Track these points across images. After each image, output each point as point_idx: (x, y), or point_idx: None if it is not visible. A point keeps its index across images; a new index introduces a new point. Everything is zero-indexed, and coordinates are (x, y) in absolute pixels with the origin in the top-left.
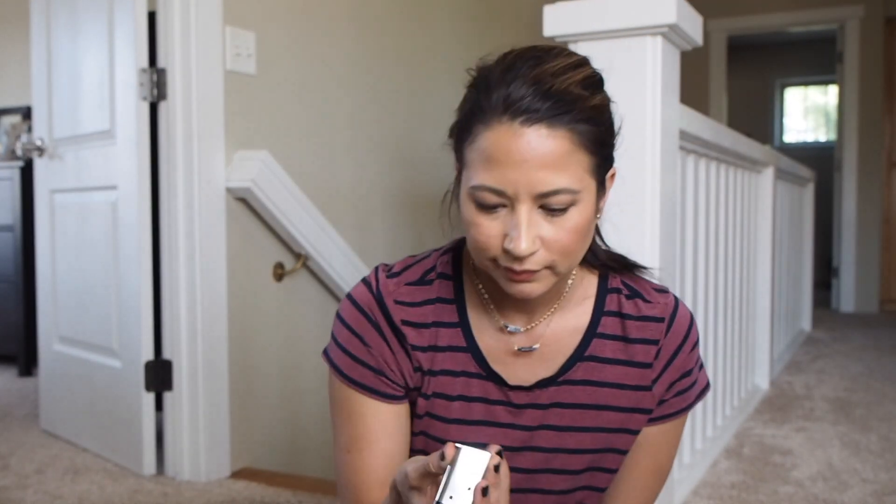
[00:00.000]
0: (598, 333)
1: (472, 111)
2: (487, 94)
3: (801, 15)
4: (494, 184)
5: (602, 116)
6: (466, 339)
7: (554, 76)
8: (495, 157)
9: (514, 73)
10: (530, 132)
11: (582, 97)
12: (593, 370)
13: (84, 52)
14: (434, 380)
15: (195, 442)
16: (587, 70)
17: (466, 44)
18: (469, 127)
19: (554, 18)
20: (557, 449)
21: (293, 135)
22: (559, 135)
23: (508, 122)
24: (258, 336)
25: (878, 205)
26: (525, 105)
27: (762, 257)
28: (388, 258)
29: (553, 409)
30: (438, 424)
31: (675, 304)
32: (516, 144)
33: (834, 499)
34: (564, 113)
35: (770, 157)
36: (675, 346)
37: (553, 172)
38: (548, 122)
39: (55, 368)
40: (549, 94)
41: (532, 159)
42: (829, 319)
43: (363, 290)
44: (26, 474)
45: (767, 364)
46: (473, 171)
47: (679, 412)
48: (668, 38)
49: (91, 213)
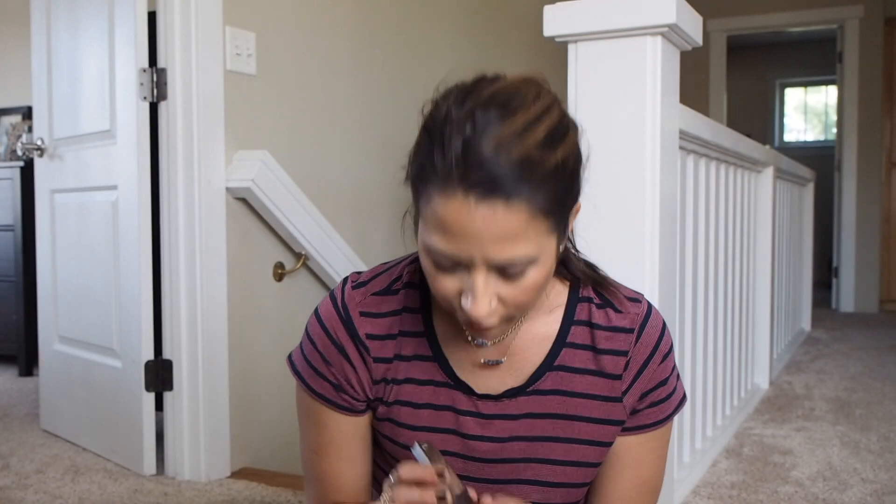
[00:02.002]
0: (568, 343)
1: (425, 167)
2: (442, 152)
3: (801, 15)
4: (448, 252)
5: (565, 171)
6: (432, 348)
7: (515, 137)
8: (447, 226)
9: (473, 131)
10: (485, 208)
11: (543, 160)
12: (563, 380)
13: (84, 52)
14: (399, 388)
15: (195, 442)
16: (551, 119)
17: (467, 43)
18: (423, 183)
19: (554, 18)
20: (529, 459)
21: (293, 135)
22: (516, 208)
23: (463, 195)
24: (258, 336)
25: (878, 205)
26: (481, 177)
27: (762, 257)
28: (388, 257)
29: (523, 419)
30: (406, 432)
31: (646, 314)
32: (470, 219)
33: (834, 499)
34: (522, 184)
35: (770, 157)
36: (645, 358)
37: (509, 244)
38: (504, 197)
39: (55, 368)
40: (507, 164)
41: (485, 233)
42: (829, 319)
43: (328, 306)
44: (26, 474)
45: (767, 364)
46: (427, 231)
47: (657, 423)
48: (668, 38)
49: (91, 213)
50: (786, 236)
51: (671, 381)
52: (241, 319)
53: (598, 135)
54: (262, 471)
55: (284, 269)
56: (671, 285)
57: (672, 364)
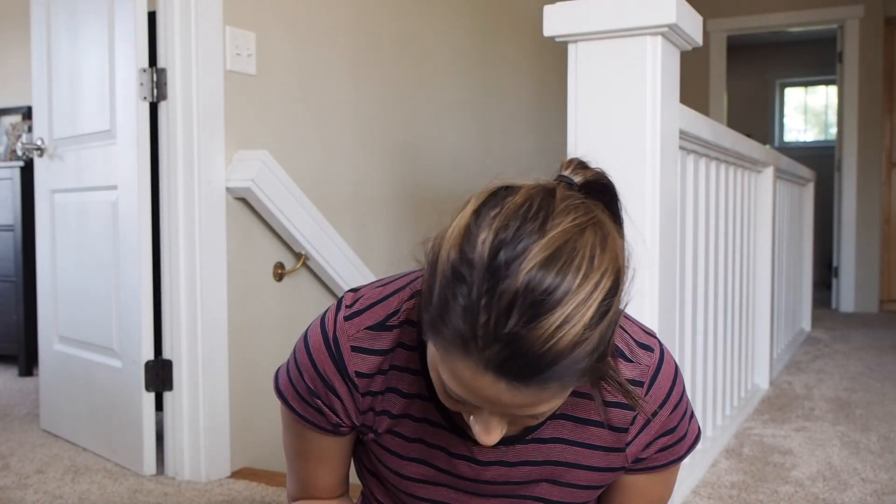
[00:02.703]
0: (574, 392)
1: (451, 314)
2: (475, 314)
3: (801, 15)
4: (463, 399)
5: (607, 334)
6: (429, 388)
7: (564, 325)
8: (470, 389)
9: (519, 312)
10: (516, 391)
11: (587, 340)
12: (563, 428)
13: (84, 52)
14: (392, 421)
15: (195, 442)
16: (604, 290)
17: (467, 44)
18: (444, 327)
19: (554, 18)
20: (522, 496)
21: (293, 135)
22: (551, 388)
23: (494, 377)
24: (258, 336)
25: (878, 205)
26: (519, 370)
27: (762, 257)
28: (389, 258)
29: (520, 466)
30: (395, 459)
31: (658, 364)
32: (498, 396)
33: (834, 499)
34: (564, 368)
35: (770, 157)
36: (653, 410)
37: (535, 409)
38: (541, 382)
39: (55, 368)
40: (550, 354)
41: (512, 405)
42: (829, 319)
43: (318, 337)
44: (26, 474)
45: (767, 364)
46: (443, 369)
47: (667, 465)
48: (668, 38)
49: (91, 212)
50: (786, 236)
51: (681, 427)
52: (241, 319)
53: (598, 135)
54: (262, 471)
55: (284, 269)
56: (671, 285)
57: (683, 411)
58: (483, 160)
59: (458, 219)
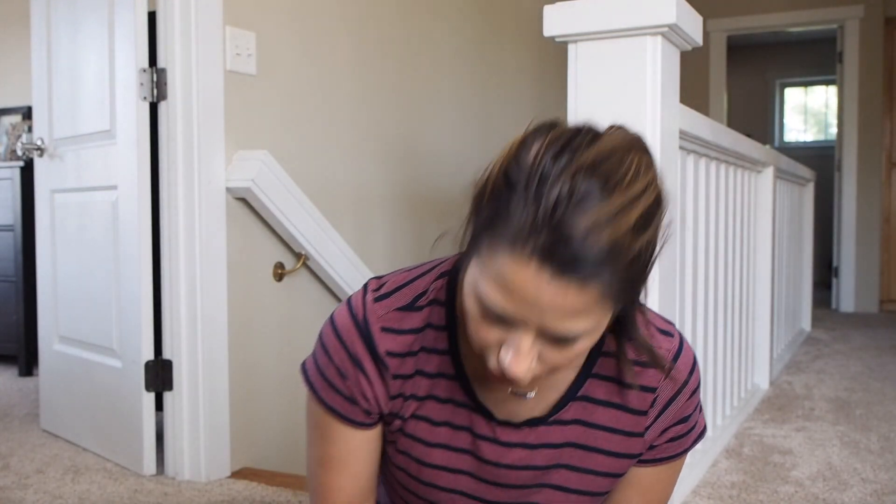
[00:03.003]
0: (594, 374)
1: (499, 216)
2: (524, 209)
3: (801, 15)
4: (503, 310)
5: (646, 256)
6: (455, 366)
7: (609, 219)
8: (511, 290)
9: (567, 202)
10: (558, 285)
11: (629, 246)
12: (585, 410)
13: (84, 52)
14: (418, 404)
15: (195, 442)
16: (648, 199)
17: (467, 43)
18: (493, 230)
19: (554, 18)
20: (541, 485)
21: (293, 135)
22: (589, 291)
23: (538, 265)
24: (258, 336)
25: (878, 205)
26: (564, 255)
27: (762, 257)
28: (388, 258)
29: (541, 449)
30: (420, 446)
31: (677, 349)
32: (538, 292)
33: (834, 499)
34: (604, 268)
35: (770, 157)
36: (672, 394)
37: (570, 320)
38: (581, 278)
39: (55, 368)
40: (595, 246)
41: (550, 309)
42: (829, 319)
43: (347, 317)
44: (26, 474)
45: (767, 364)
46: (485, 280)
47: (673, 457)
48: (668, 38)
49: (91, 212)
50: (786, 236)
51: (693, 418)
52: (241, 319)
53: None
54: (262, 471)
55: (284, 269)
56: (671, 285)
57: (697, 401)
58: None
59: (507, 146)
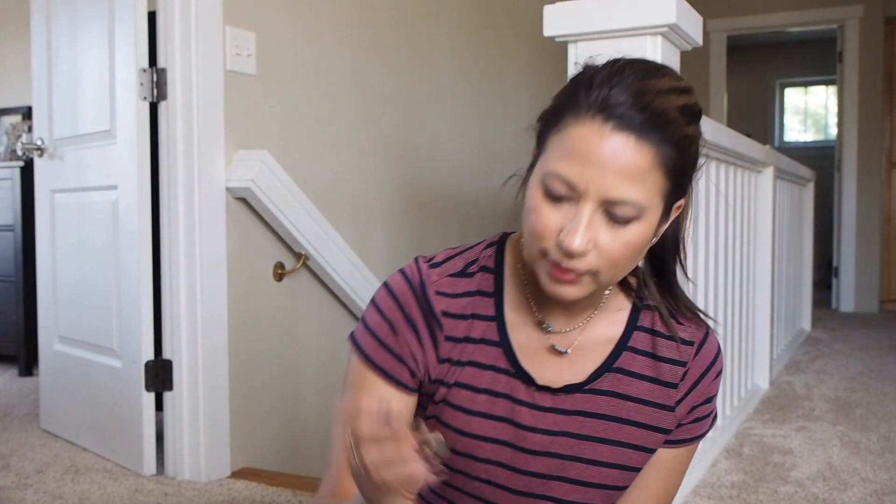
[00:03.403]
0: (629, 347)
1: (567, 102)
2: (587, 91)
3: (801, 15)
4: (568, 175)
5: (689, 147)
6: (500, 333)
7: (657, 93)
8: (576, 151)
9: (620, 78)
10: (617, 138)
11: (676, 122)
12: (620, 382)
13: (84, 52)
14: (461, 370)
15: (195, 442)
16: (689, 99)
17: (467, 43)
18: (560, 116)
19: (554, 18)
20: (575, 457)
21: (293, 135)
22: (644, 149)
23: (600, 122)
24: (258, 336)
25: (878, 205)
26: (621, 111)
27: (762, 257)
28: (388, 258)
29: (576, 416)
30: (461, 416)
31: (705, 332)
32: (600, 145)
33: (834, 499)
34: (655, 131)
35: (770, 157)
36: (702, 371)
37: (627, 182)
38: (637, 134)
39: (55, 368)
40: (646, 108)
41: (611, 164)
42: (829, 319)
43: (401, 280)
44: (26, 474)
45: (767, 364)
46: (551, 158)
47: (692, 439)
48: (668, 38)
49: (91, 212)
50: (786, 236)
51: (713, 403)
52: (241, 319)
53: None
54: (262, 471)
55: (284, 269)
56: None
57: (719, 385)
58: (483, 160)
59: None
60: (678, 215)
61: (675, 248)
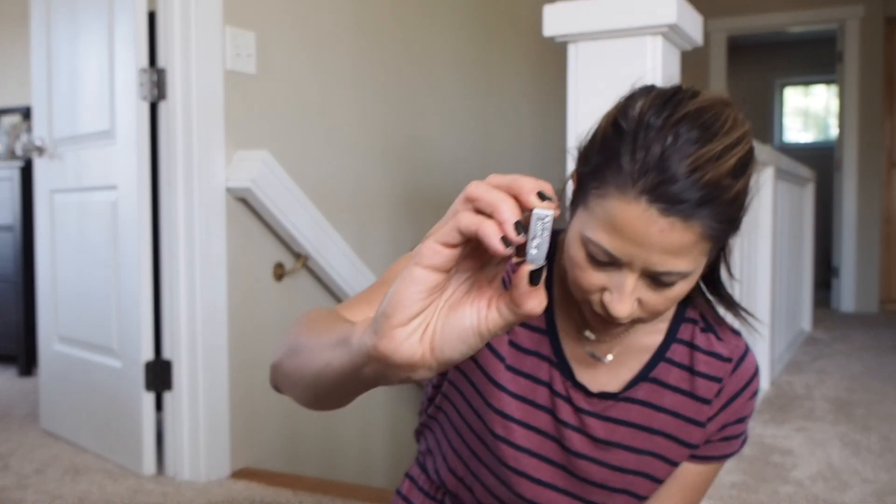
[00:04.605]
0: (667, 358)
1: (611, 162)
2: (632, 156)
3: (801, 15)
4: (611, 249)
5: (741, 201)
6: (548, 322)
7: (711, 161)
8: (619, 229)
9: (672, 146)
10: (664, 222)
11: (728, 188)
12: (654, 393)
13: (84, 52)
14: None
15: (195, 442)
16: (744, 149)
17: (467, 43)
18: (602, 177)
19: (554, 18)
20: (600, 461)
21: (293, 135)
22: (692, 228)
23: (646, 204)
24: (258, 336)
25: (878, 205)
26: (671, 194)
27: (762, 257)
28: (388, 258)
29: (607, 422)
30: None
31: (745, 349)
32: (646, 229)
33: (834, 499)
34: (706, 207)
35: (770, 157)
36: (737, 389)
37: (674, 258)
38: (686, 216)
39: (55, 368)
40: (699, 185)
41: (657, 246)
42: (829, 319)
43: None
44: (26, 474)
45: (767, 364)
46: (593, 225)
47: (720, 458)
48: (668, 38)
49: (91, 213)
50: (786, 236)
51: (744, 424)
52: (240, 319)
53: None
54: (263, 471)
55: (284, 269)
56: None
57: (752, 407)
58: (483, 160)
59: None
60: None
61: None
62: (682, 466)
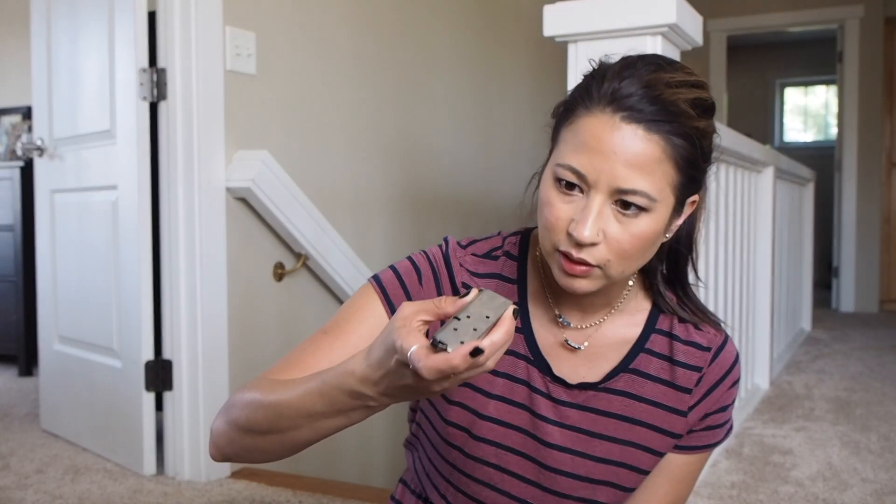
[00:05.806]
0: (646, 349)
1: (580, 96)
2: (599, 84)
3: (801, 15)
4: (579, 166)
5: (701, 140)
6: (522, 320)
7: (667, 86)
8: (587, 143)
9: (631, 72)
10: (627, 129)
11: (687, 114)
12: (634, 383)
13: (84, 52)
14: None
15: (195, 442)
16: (701, 93)
17: (467, 44)
18: (572, 109)
19: (554, 18)
20: (583, 454)
21: (293, 135)
22: (653, 140)
23: (610, 113)
24: (258, 336)
25: (878, 205)
26: (630, 102)
27: (762, 257)
28: (388, 258)
29: (588, 413)
30: (480, 398)
31: (724, 339)
32: (610, 136)
33: (834, 499)
34: (665, 122)
35: (770, 157)
36: (717, 378)
37: (636, 173)
38: (646, 125)
39: (55, 368)
40: (656, 99)
41: (621, 154)
42: (829, 319)
43: (435, 249)
44: (26, 474)
45: (767, 364)
46: (563, 150)
47: (705, 447)
48: (668, 38)
49: (91, 213)
50: (786, 236)
51: (728, 413)
52: (241, 319)
53: None
54: (262, 471)
55: (284, 269)
56: None
57: (734, 396)
58: (483, 159)
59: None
60: (692, 213)
61: (687, 248)
62: (668, 458)
